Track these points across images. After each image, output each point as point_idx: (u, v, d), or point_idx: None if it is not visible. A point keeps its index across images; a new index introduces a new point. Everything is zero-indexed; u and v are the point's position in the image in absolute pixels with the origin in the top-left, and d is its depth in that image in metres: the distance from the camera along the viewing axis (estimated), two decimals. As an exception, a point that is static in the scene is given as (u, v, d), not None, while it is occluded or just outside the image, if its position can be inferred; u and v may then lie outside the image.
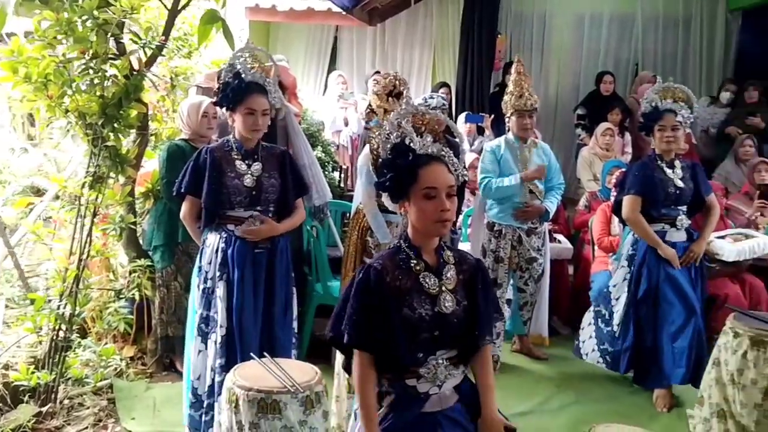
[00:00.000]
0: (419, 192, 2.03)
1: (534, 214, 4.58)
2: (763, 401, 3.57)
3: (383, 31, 8.28)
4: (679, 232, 4.16)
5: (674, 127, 4.08)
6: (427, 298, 2.04)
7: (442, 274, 2.08)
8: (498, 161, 4.60)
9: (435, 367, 2.05)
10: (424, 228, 2.06)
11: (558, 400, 4.23)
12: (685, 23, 8.49)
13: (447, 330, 2.06)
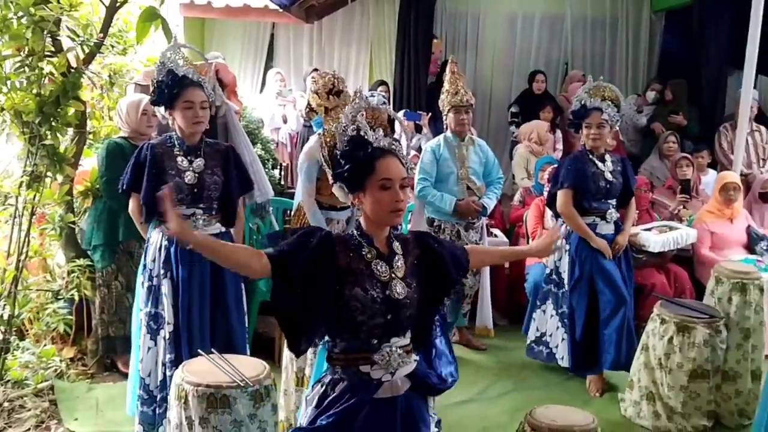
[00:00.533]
0: (376, 183, 2.07)
1: (472, 211, 4.70)
2: (689, 383, 3.81)
3: (320, 29, 8.30)
4: (608, 225, 4.33)
5: (600, 125, 4.23)
6: (378, 283, 2.08)
7: (393, 262, 2.12)
8: (437, 160, 4.71)
9: (389, 354, 2.09)
10: (378, 218, 2.11)
11: (497, 388, 4.37)
12: (611, 24, 8.80)
13: (399, 314, 2.09)
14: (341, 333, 2.11)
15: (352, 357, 2.11)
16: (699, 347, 3.75)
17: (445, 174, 4.68)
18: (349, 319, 2.06)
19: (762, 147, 6.54)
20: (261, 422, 2.92)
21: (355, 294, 2.05)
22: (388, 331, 2.10)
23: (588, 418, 2.38)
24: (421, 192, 4.68)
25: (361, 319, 2.05)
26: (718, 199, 5.34)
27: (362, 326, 2.06)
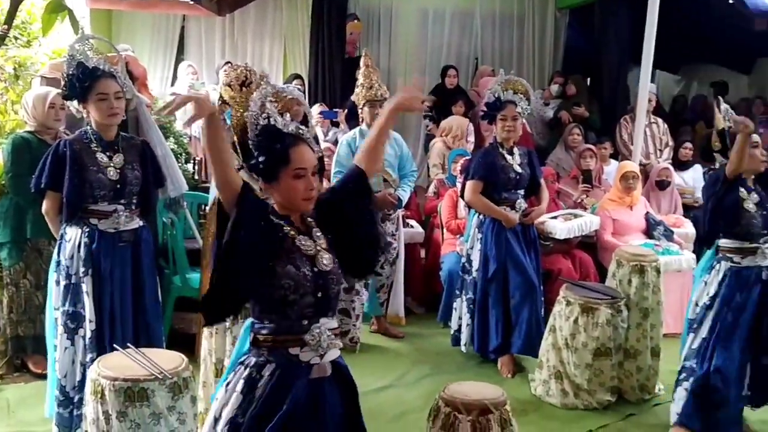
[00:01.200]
0: (290, 172, 2.08)
1: (388, 203, 4.79)
2: (593, 361, 4.03)
3: (232, 22, 8.21)
4: (517, 214, 4.50)
5: (514, 117, 4.40)
6: (306, 259, 2.08)
7: (313, 235, 2.14)
8: (353, 153, 4.76)
9: (319, 335, 2.08)
10: (292, 205, 2.12)
11: (414, 374, 4.48)
12: (519, 20, 9.09)
13: (328, 291, 2.11)
14: (270, 313, 2.09)
15: (281, 339, 2.09)
16: (602, 327, 3.97)
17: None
18: (280, 298, 2.04)
19: (659, 138, 6.92)
20: (180, 414, 2.92)
21: (288, 271, 2.03)
22: (318, 311, 2.10)
23: (498, 391, 2.51)
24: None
25: (292, 297, 2.04)
26: (618, 188, 5.63)
27: (293, 305, 2.05)
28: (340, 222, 2.20)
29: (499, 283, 4.43)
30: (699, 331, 3.57)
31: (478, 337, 4.52)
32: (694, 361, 3.55)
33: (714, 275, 3.58)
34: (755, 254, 3.49)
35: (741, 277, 3.50)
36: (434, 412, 2.47)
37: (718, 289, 3.53)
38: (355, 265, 2.24)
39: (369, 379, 4.36)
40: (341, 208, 2.21)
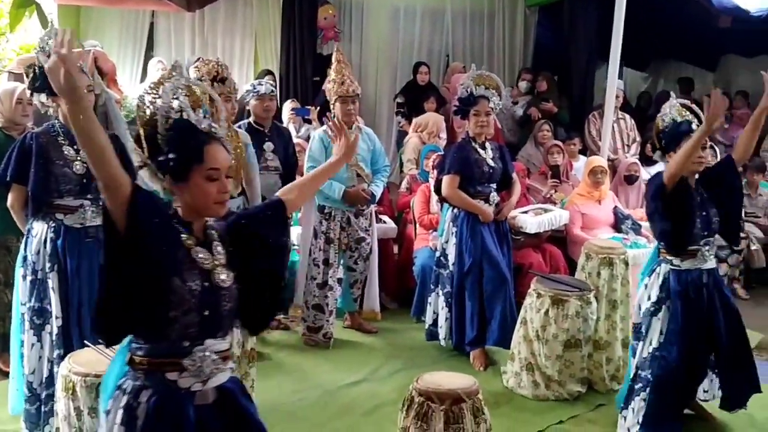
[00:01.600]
0: (203, 173, 1.90)
1: (361, 199, 4.79)
2: (564, 353, 4.09)
3: (202, 18, 8.14)
4: (491, 208, 4.54)
5: (487, 113, 4.44)
6: (199, 273, 1.88)
7: (212, 248, 1.95)
8: (326, 148, 4.75)
9: (201, 359, 1.88)
10: (202, 209, 1.95)
11: (387, 368, 4.50)
12: (489, 17, 9.15)
13: (218, 309, 1.91)
14: (148, 332, 1.88)
15: (157, 362, 1.88)
16: (572, 318, 4.03)
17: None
18: (161, 315, 1.83)
19: (627, 134, 7.03)
20: (153, 409, 2.91)
21: (172, 284, 1.83)
22: (204, 331, 1.90)
23: (470, 380, 2.55)
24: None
25: (174, 314, 1.84)
26: (587, 182, 5.72)
27: (174, 324, 1.85)
28: (248, 252, 2.02)
29: (475, 276, 4.46)
30: (647, 338, 3.47)
31: (455, 331, 4.55)
32: (648, 372, 3.44)
33: (654, 278, 3.49)
34: (695, 257, 3.40)
35: (681, 281, 3.41)
36: (408, 402, 2.50)
37: (660, 293, 3.44)
38: (251, 311, 2.04)
39: (343, 374, 4.39)
40: (254, 236, 2.04)
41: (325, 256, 4.77)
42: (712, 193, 3.45)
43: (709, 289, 3.44)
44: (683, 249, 3.39)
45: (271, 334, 5.00)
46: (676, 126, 3.48)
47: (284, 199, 2.14)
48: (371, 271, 4.98)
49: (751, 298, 6.10)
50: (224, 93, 4.23)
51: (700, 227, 3.38)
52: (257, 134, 4.72)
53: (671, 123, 3.50)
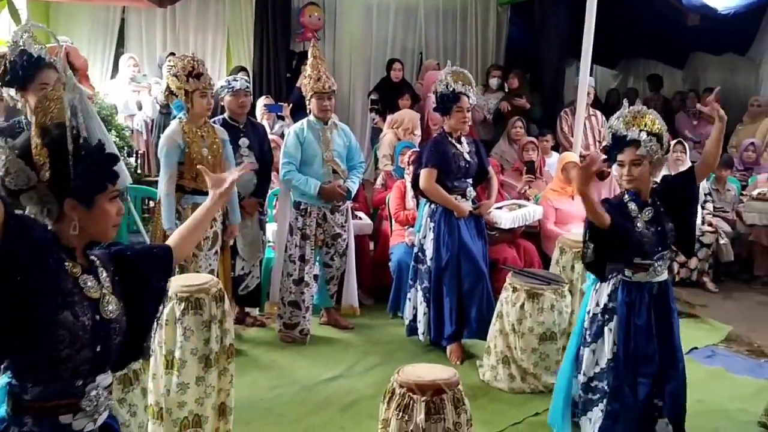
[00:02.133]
0: (108, 194, 1.80)
1: (338, 195, 4.79)
2: (539, 345, 4.13)
3: (174, 14, 8.10)
4: (467, 202, 4.57)
5: (468, 109, 4.49)
6: (89, 305, 1.74)
7: (98, 275, 1.81)
8: (301, 144, 4.75)
9: (96, 397, 1.78)
10: (100, 233, 1.82)
11: (364, 364, 4.50)
12: (462, 15, 9.22)
13: (109, 343, 1.78)
14: (36, 373, 1.71)
15: (50, 405, 1.73)
16: (547, 312, 4.07)
17: (309, 157, 4.72)
18: (52, 354, 1.67)
19: (598, 130, 7.11)
20: (131, 406, 2.91)
21: (64, 320, 1.67)
22: (96, 368, 1.78)
23: (451, 371, 2.57)
24: (286, 176, 4.71)
25: (67, 353, 1.68)
26: (560, 178, 5.78)
27: (68, 363, 1.70)
28: (128, 287, 1.89)
29: (453, 271, 4.49)
30: (600, 348, 3.34)
31: (433, 326, 4.57)
32: (605, 383, 3.33)
33: (604, 287, 3.35)
34: (647, 271, 3.26)
35: (631, 292, 3.28)
36: (389, 394, 2.51)
37: (608, 302, 3.32)
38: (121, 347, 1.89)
39: (320, 369, 4.40)
40: (137, 273, 1.92)
41: (301, 253, 4.76)
42: (668, 205, 3.29)
43: (658, 301, 3.32)
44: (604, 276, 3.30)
45: (247, 331, 4.98)
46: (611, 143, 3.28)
47: (173, 246, 2.06)
48: (348, 266, 4.98)
49: (720, 291, 6.21)
50: (199, 89, 4.23)
51: (654, 242, 3.23)
52: (232, 130, 4.69)
53: (611, 138, 3.28)
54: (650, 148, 3.13)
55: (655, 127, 3.18)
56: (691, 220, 3.41)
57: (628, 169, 3.18)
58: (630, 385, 3.27)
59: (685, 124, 8.35)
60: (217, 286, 3.13)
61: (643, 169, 3.17)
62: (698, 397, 4.14)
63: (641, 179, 3.20)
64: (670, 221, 3.26)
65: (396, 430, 2.41)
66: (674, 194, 3.31)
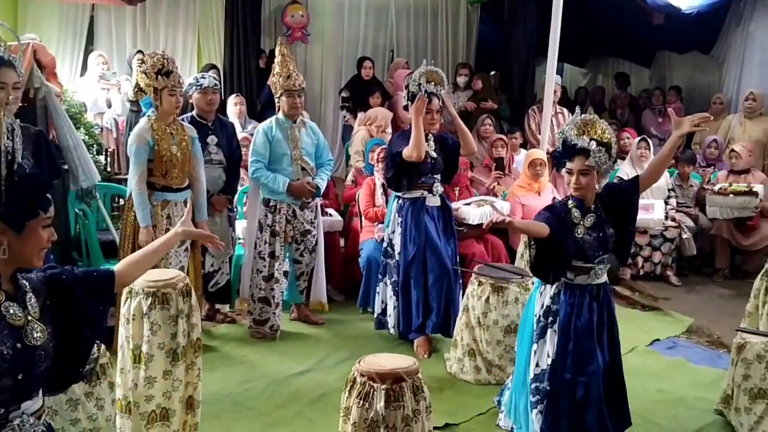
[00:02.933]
0: (42, 221, 1.79)
1: (306, 192, 4.83)
2: (504, 338, 4.21)
3: (144, 12, 8.06)
4: (435, 198, 4.62)
5: (439, 110, 4.51)
6: (9, 333, 1.71)
7: (26, 302, 1.79)
8: (270, 142, 4.77)
9: (20, 425, 1.74)
10: (27, 259, 1.80)
11: (333, 358, 4.56)
12: (432, 14, 9.31)
13: (33, 370, 1.75)
14: None
15: None
16: (512, 304, 4.16)
17: (278, 155, 4.75)
18: None
19: (565, 127, 7.22)
20: (98, 400, 2.95)
21: None
22: (19, 395, 1.74)
23: (410, 361, 2.63)
24: (255, 174, 4.75)
25: None
26: (527, 174, 5.88)
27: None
28: (62, 312, 1.87)
29: (419, 265, 4.55)
30: (541, 349, 3.39)
31: (402, 319, 4.64)
32: (546, 383, 3.36)
33: (548, 290, 3.41)
34: (588, 274, 3.32)
35: (573, 294, 3.34)
36: (350, 383, 2.57)
37: (551, 303, 3.39)
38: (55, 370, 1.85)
39: (289, 364, 4.45)
40: (72, 298, 1.89)
41: (271, 249, 4.80)
42: (609, 212, 3.35)
43: (600, 303, 3.41)
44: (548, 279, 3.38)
45: (218, 328, 5.02)
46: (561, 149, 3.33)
47: (117, 271, 2.05)
48: (318, 263, 5.04)
49: (683, 285, 6.35)
50: (168, 86, 4.25)
51: (595, 247, 3.29)
52: (201, 128, 4.71)
53: (560, 144, 3.33)
54: (599, 158, 3.18)
55: (605, 137, 3.23)
56: (630, 228, 3.44)
57: (576, 177, 3.23)
58: (568, 384, 3.31)
59: (651, 121, 8.52)
60: (184, 281, 3.17)
61: (590, 178, 3.23)
62: (658, 386, 4.29)
63: (588, 188, 3.26)
64: (611, 227, 3.32)
65: (357, 418, 2.48)
66: (616, 202, 3.36)
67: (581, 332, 3.31)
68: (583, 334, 3.31)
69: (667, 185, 6.60)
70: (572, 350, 3.31)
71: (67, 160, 4.61)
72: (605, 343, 3.40)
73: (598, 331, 3.37)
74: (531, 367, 3.43)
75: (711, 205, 6.45)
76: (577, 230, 3.26)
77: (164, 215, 4.28)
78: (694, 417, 3.91)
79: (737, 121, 7.36)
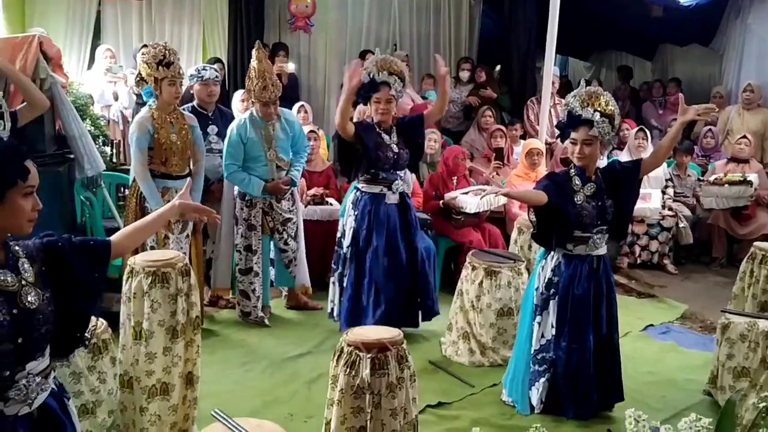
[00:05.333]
0: (21, 190, 1.84)
1: (281, 190, 4.79)
2: (497, 320, 4.32)
3: (150, 6, 8.18)
4: (394, 195, 4.51)
5: (388, 100, 4.35)
6: (5, 300, 1.78)
7: (18, 268, 1.85)
8: (244, 144, 4.69)
9: (26, 386, 1.83)
10: (15, 227, 1.87)
11: (331, 341, 4.61)
12: (435, 7, 9.36)
13: (33, 334, 1.82)
14: None
15: None
16: (504, 288, 4.27)
17: (253, 156, 4.72)
18: None
19: (563, 118, 7.30)
20: (100, 373, 3.07)
21: None
22: (22, 358, 1.82)
23: (395, 332, 2.74)
24: (229, 176, 4.74)
25: None
26: (524, 164, 5.97)
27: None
28: (59, 278, 1.94)
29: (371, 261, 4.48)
30: (545, 320, 3.56)
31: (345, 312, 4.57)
32: (550, 354, 3.55)
33: (548, 261, 3.58)
34: (586, 244, 3.48)
35: (572, 265, 3.50)
36: (338, 352, 2.68)
37: (552, 276, 3.55)
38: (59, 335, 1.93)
39: (288, 347, 4.56)
40: (67, 265, 1.95)
41: (247, 243, 4.82)
42: (611, 187, 3.49)
43: (599, 275, 3.54)
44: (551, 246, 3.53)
45: (220, 313, 5.13)
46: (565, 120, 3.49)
47: (114, 241, 2.10)
48: (299, 248, 5.03)
49: (680, 273, 6.43)
50: (168, 77, 4.36)
51: (593, 216, 3.43)
52: (201, 118, 4.82)
53: (566, 115, 3.49)
54: (602, 128, 3.35)
55: (609, 109, 3.39)
56: (628, 208, 3.58)
57: (580, 147, 3.40)
58: (565, 352, 3.48)
59: (651, 113, 8.58)
60: (183, 261, 3.27)
61: (593, 148, 3.40)
62: (649, 369, 4.38)
63: (591, 157, 3.42)
64: (610, 199, 3.47)
65: (344, 385, 2.59)
66: (618, 178, 3.52)
67: (578, 302, 3.47)
68: (580, 304, 3.47)
69: (665, 175, 6.68)
70: (569, 319, 3.47)
71: (73, 149, 4.73)
72: (603, 315, 3.53)
73: (597, 302, 3.51)
74: (534, 339, 3.58)
75: (706, 196, 6.52)
76: (577, 197, 3.42)
77: (164, 202, 4.38)
78: (683, 398, 4.00)
79: (735, 113, 7.41)
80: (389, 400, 2.62)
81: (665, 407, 3.88)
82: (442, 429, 3.58)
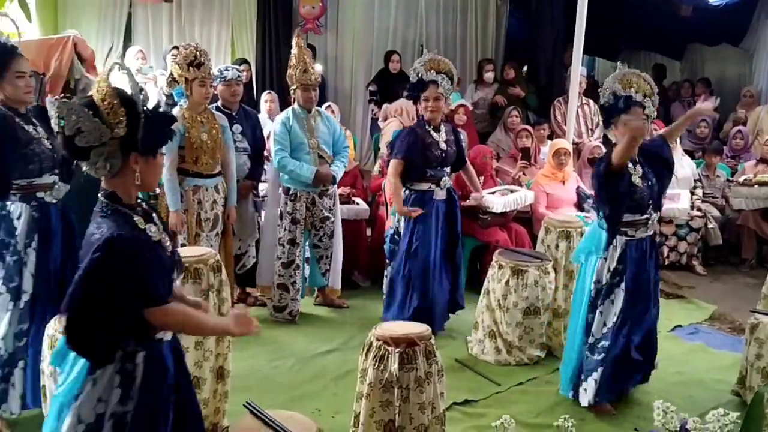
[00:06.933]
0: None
1: (329, 179, 4.93)
2: (524, 319, 4.33)
3: (179, 8, 8.32)
4: (442, 191, 4.60)
5: (436, 98, 4.46)
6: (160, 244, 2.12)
7: (153, 219, 2.19)
8: (288, 132, 4.87)
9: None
10: (151, 183, 2.22)
11: (358, 338, 4.65)
12: (462, 8, 9.40)
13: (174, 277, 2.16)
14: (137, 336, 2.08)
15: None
16: (531, 287, 4.27)
17: (297, 144, 4.85)
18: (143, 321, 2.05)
19: (590, 118, 7.28)
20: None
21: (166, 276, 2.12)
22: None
23: (423, 327, 2.78)
24: (281, 162, 4.84)
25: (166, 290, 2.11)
26: (551, 164, 5.96)
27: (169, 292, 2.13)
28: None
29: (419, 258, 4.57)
30: (608, 309, 3.65)
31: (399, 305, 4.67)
32: (608, 342, 3.63)
33: (612, 251, 3.63)
34: (646, 226, 3.63)
35: (638, 249, 3.62)
36: (367, 346, 2.72)
37: (618, 264, 3.62)
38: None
39: (316, 344, 4.61)
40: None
41: (291, 236, 4.91)
42: (650, 165, 3.66)
43: (655, 253, 3.76)
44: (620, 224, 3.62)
45: (249, 310, 5.19)
46: (615, 101, 3.62)
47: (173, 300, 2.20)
48: (335, 249, 5.12)
49: (709, 274, 6.38)
50: (199, 78, 4.43)
51: (648, 196, 3.58)
52: (225, 117, 4.89)
53: (611, 97, 3.63)
54: (649, 109, 3.59)
55: (648, 89, 3.62)
56: (665, 182, 3.76)
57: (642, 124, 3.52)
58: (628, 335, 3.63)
59: (680, 113, 8.43)
60: (215, 257, 3.34)
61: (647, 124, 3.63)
62: (677, 369, 4.37)
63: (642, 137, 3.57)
64: (654, 178, 3.63)
65: (372, 378, 2.62)
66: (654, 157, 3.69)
67: (645, 284, 3.65)
68: (646, 285, 3.66)
69: (694, 176, 6.63)
70: (638, 301, 3.64)
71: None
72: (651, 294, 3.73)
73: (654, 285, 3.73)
74: (595, 328, 3.68)
75: (736, 196, 6.46)
76: (634, 179, 3.55)
77: (195, 200, 4.47)
78: (711, 397, 3.98)
79: (766, 113, 7.34)
80: (417, 394, 2.65)
81: (693, 407, 3.82)
82: (469, 426, 3.60)
